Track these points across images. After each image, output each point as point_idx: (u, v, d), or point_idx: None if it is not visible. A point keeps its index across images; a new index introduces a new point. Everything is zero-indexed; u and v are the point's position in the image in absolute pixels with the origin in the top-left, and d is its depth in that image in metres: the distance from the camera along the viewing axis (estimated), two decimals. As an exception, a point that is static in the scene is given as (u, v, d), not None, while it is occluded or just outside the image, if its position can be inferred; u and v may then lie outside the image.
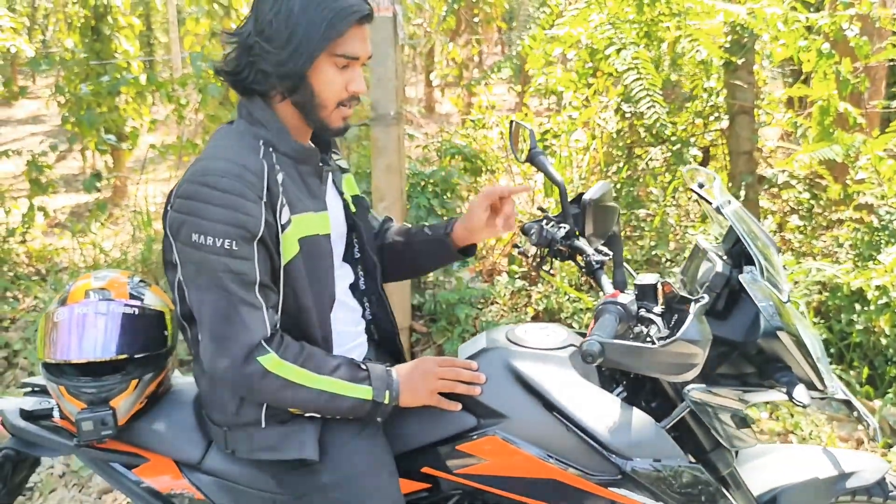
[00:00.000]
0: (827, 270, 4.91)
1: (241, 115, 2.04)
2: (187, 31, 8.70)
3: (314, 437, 2.04)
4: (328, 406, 1.97)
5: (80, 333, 2.10)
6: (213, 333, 1.89)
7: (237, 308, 1.87)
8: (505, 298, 5.48)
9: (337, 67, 1.95)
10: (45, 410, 2.27)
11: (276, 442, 2.05)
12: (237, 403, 2.05)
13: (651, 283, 2.06)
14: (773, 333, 1.98)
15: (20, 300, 5.98)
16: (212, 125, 6.19)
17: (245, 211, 1.85)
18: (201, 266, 1.87)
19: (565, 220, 2.39)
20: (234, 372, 1.88)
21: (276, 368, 1.89)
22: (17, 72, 15.99)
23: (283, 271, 1.97)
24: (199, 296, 1.90)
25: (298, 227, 1.98)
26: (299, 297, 2.01)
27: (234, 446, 2.11)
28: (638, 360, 1.81)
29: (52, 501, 3.87)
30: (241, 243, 1.85)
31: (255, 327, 1.88)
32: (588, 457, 2.06)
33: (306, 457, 2.02)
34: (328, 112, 2.00)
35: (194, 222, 1.86)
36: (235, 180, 1.86)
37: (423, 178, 5.08)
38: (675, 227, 6.21)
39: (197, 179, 1.88)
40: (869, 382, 4.59)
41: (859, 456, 2.46)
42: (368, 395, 1.99)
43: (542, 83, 6.40)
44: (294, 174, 2.03)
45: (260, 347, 1.88)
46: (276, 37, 1.90)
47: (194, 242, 1.86)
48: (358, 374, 2.00)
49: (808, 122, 5.89)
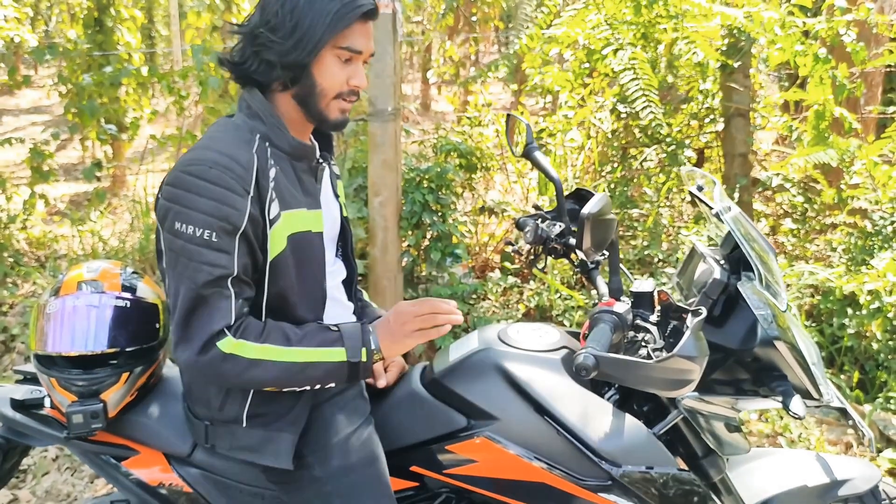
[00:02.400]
0: (819, 274, 4.93)
1: (241, 108, 2.05)
2: (188, 24, 8.71)
3: (290, 446, 2.03)
4: (302, 377, 1.93)
5: (71, 326, 2.09)
6: (179, 322, 1.87)
7: (206, 300, 1.85)
8: (496, 295, 5.50)
9: (340, 60, 1.97)
10: (37, 399, 2.26)
11: (254, 444, 2.05)
12: (221, 399, 2.04)
13: (647, 290, 2.06)
14: (770, 342, 1.98)
15: (19, 286, 6.01)
16: (211, 117, 6.20)
17: (230, 203, 1.85)
18: (179, 254, 1.87)
19: (560, 218, 2.38)
20: (194, 360, 1.86)
21: (235, 349, 1.86)
22: (20, 61, 15.99)
23: (270, 266, 1.96)
24: (175, 284, 1.89)
25: (288, 223, 1.97)
26: (287, 293, 2.00)
27: (215, 441, 2.10)
28: (633, 374, 1.80)
29: (44, 484, 3.88)
30: (221, 235, 1.85)
31: (220, 317, 1.86)
32: (578, 461, 2.05)
33: (280, 466, 2.02)
34: (326, 102, 2.00)
35: (178, 211, 1.86)
36: (223, 172, 1.85)
37: (419, 174, 5.08)
38: (668, 227, 6.23)
39: (185, 169, 1.88)
40: (859, 387, 4.60)
41: (852, 463, 2.46)
42: (342, 357, 1.94)
43: (539, 83, 6.42)
44: (289, 170, 2.02)
45: (220, 334, 1.86)
46: (281, 27, 1.91)
47: (176, 230, 1.86)
48: (329, 337, 1.96)
49: (803, 126, 5.91)
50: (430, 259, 5.08)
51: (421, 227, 5.11)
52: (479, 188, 6.20)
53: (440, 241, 5.12)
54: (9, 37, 7.73)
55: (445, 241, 5.11)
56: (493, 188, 6.83)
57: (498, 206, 6.02)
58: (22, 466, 3.83)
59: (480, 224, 6.19)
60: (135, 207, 6.93)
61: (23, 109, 15.47)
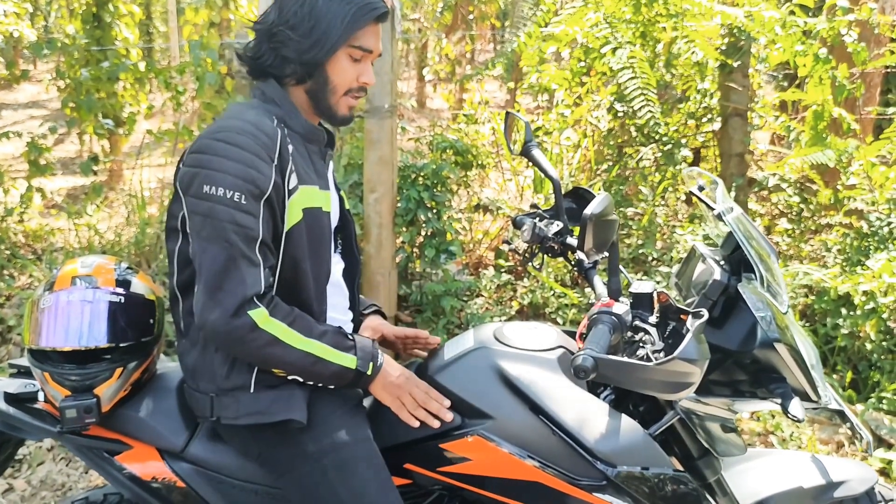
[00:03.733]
0: (814, 274, 4.94)
1: (255, 95, 2.14)
2: (186, 20, 8.71)
3: (303, 400, 2.07)
4: (312, 369, 2.00)
5: (65, 321, 2.09)
6: (209, 284, 1.91)
7: (236, 261, 1.90)
8: (490, 292, 5.51)
9: (352, 59, 2.07)
10: (30, 393, 2.25)
11: (264, 406, 2.06)
12: (228, 367, 2.06)
13: (647, 291, 2.05)
14: (770, 344, 1.97)
15: (16, 278, 6.01)
16: (207, 113, 6.22)
17: (257, 168, 1.92)
18: (208, 216, 1.92)
19: (558, 217, 2.38)
20: (224, 323, 1.89)
21: (265, 324, 1.91)
22: (19, 56, 15.97)
23: (285, 237, 2.02)
24: (202, 246, 1.94)
25: (304, 197, 2.04)
26: (298, 264, 2.06)
27: (220, 412, 2.09)
28: (632, 377, 1.80)
29: (39, 474, 3.90)
30: (249, 198, 1.91)
31: (251, 282, 1.91)
32: (573, 461, 2.05)
33: (295, 417, 2.04)
34: (337, 98, 2.11)
35: (207, 174, 1.92)
36: (250, 138, 1.94)
37: (415, 171, 5.10)
38: (663, 226, 6.24)
39: (213, 136, 1.96)
40: (852, 387, 4.61)
41: (847, 464, 2.45)
42: (352, 364, 2.02)
43: (535, 82, 6.43)
44: (303, 150, 2.11)
45: (252, 302, 1.90)
46: (300, 26, 2.02)
47: (205, 193, 1.91)
48: (344, 343, 2.04)
49: (801, 126, 5.92)
50: (425, 256, 5.10)
51: (416, 224, 5.12)
52: (474, 186, 6.20)
53: (435, 238, 5.13)
54: (8, 31, 7.73)
55: (440, 238, 5.13)
56: (488, 186, 6.84)
57: (493, 204, 6.03)
58: (17, 456, 3.84)
59: (475, 221, 6.21)
60: (131, 202, 6.93)
61: (21, 104, 15.44)
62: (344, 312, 2.33)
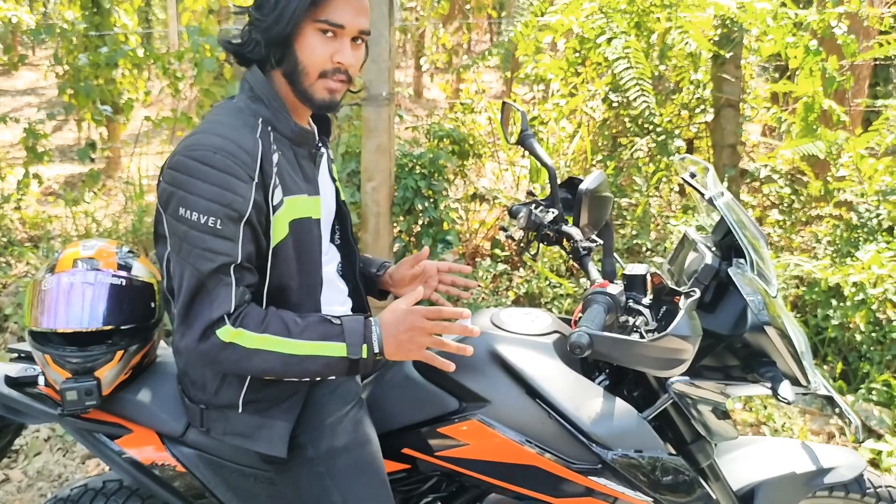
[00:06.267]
0: (805, 266, 4.95)
1: (243, 89, 2.03)
2: (185, 7, 8.70)
3: (285, 433, 2.04)
4: (300, 369, 1.90)
5: (66, 302, 2.08)
6: (182, 304, 1.86)
7: (206, 286, 1.84)
8: (486, 282, 5.53)
9: (321, 35, 1.93)
10: (31, 377, 2.25)
11: (249, 430, 2.05)
12: (217, 384, 2.04)
13: (640, 273, 2.08)
14: (760, 328, 1.98)
15: (12, 266, 6.02)
16: (206, 99, 6.22)
17: (234, 190, 1.83)
18: (183, 240, 1.85)
19: (554, 205, 2.39)
20: (194, 347, 1.85)
21: (234, 338, 1.84)
22: (17, 42, 15.93)
23: (272, 253, 1.95)
24: (180, 265, 1.87)
25: (290, 210, 1.96)
26: (286, 279, 1.99)
27: (210, 425, 2.10)
28: (626, 353, 1.83)
29: (36, 464, 3.90)
30: (225, 222, 1.82)
31: (218, 303, 1.84)
32: (568, 445, 2.06)
33: (274, 454, 2.03)
34: (311, 81, 1.96)
35: (182, 196, 1.83)
36: (228, 158, 1.83)
37: (412, 160, 5.11)
38: (657, 217, 6.27)
39: (189, 153, 1.85)
40: (842, 377, 4.64)
41: (837, 451, 2.47)
42: (342, 353, 1.89)
43: (531, 72, 6.45)
44: (290, 156, 2.02)
45: (219, 321, 1.84)
46: (265, 4, 1.91)
47: (180, 216, 1.83)
48: (331, 331, 1.91)
49: (792, 117, 5.95)
50: (422, 245, 5.11)
51: (413, 213, 5.14)
52: (471, 175, 6.23)
53: (432, 227, 5.15)
54: (7, 17, 7.73)
55: (437, 228, 5.15)
56: (485, 175, 6.86)
57: (489, 193, 6.05)
58: (14, 446, 3.82)
59: (471, 211, 6.23)
60: (128, 189, 6.94)
61: (19, 90, 15.41)
62: (342, 304, 2.28)
